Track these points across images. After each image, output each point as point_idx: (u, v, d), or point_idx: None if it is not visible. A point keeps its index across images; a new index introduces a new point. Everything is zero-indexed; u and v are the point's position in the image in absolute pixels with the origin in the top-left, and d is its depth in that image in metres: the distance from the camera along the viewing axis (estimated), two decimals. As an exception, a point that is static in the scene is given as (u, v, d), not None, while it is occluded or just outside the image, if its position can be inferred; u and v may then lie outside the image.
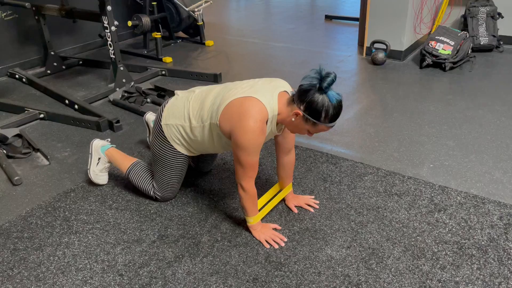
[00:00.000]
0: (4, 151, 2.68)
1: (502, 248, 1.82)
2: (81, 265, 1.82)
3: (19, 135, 2.87)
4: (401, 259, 1.79)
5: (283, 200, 2.17)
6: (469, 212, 2.04)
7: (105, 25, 3.39)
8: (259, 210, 2.00)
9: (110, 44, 3.46)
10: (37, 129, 3.06)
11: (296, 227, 2.00)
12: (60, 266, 1.82)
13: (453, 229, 1.94)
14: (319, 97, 1.65)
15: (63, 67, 4.22)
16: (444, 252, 1.81)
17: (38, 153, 2.72)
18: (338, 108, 1.69)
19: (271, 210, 2.11)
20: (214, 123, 1.81)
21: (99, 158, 2.27)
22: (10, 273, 1.79)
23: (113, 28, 3.40)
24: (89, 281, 1.74)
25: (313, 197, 2.18)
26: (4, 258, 1.87)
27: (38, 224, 2.07)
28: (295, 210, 2.10)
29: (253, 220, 1.93)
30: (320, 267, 1.77)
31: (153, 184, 2.14)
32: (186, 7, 4.70)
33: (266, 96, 1.74)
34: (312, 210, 2.10)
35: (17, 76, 3.98)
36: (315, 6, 6.80)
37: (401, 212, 2.06)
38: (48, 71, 4.12)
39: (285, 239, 1.93)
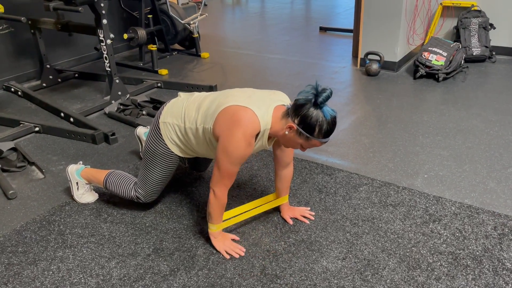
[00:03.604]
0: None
1: (496, 259, 1.83)
2: (75, 280, 1.81)
3: (14, 149, 2.86)
4: (396, 270, 1.79)
5: (279, 212, 2.17)
6: (464, 222, 2.05)
7: (101, 38, 3.41)
8: (229, 218, 2.01)
9: (105, 57, 3.48)
10: (33, 142, 3.05)
11: (291, 238, 2.00)
12: (55, 281, 1.81)
13: (448, 240, 1.94)
14: (314, 112, 1.67)
15: (59, 80, 4.22)
16: (439, 263, 1.82)
17: (33, 167, 2.71)
18: (332, 124, 1.70)
19: (267, 222, 2.11)
20: (207, 128, 1.82)
21: (77, 183, 2.28)
22: (4, 288, 1.78)
23: (108, 41, 3.41)
24: (84, 295, 1.73)
25: (308, 208, 2.19)
26: (-2, 273, 1.86)
27: (33, 238, 2.06)
28: (290, 222, 2.10)
29: (216, 228, 1.93)
30: (316, 279, 1.76)
31: (135, 182, 2.13)
32: (182, 20, 4.73)
33: (261, 109, 1.75)
34: (307, 221, 2.10)
35: (12, 89, 3.98)
36: (310, 18, 6.86)
37: (396, 223, 2.07)
38: (44, 84, 4.12)
39: (244, 250, 1.93)
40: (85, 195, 2.32)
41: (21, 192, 2.46)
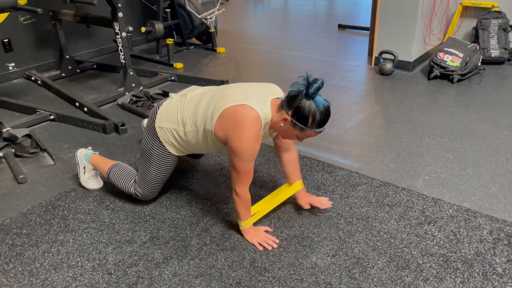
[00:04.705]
0: (13, 150, 2.79)
1: (488, 263, 1.81)
2: (73, 263, 1.89)
3: (28, 135, 2.97)
4: (384, 269, 1.80)
5: (294, 199, 2.18)
6: (459, 225, 2.04)
7: (116, 31, 3.49)
8: (253, 214, 2.04)
9: (120, 49, 3.57)
10: (47, 129, 3.16)
11: (284, 233, 2.03)
12: (53, 262, 1.89)
13: (441, 242, 1.94)
14: (306, 103, 1.69)
15: (78, 70, 4.35)
16: (429, 264, 1.82)
17: (45, 153, 2.81)
18: (325, 114, 1.72)
19: (263, 216, 2.14)
20: (209, 130, 1.86)
21: (84, 167, 2.36)
22: (6, 267, 1.86)
23: (124, 34, 3.50)
24: (79, 278, 1.80)
25: (327, 198, 2.17)
26: (2, 252, 1.95)
27: (37, 222, 2.15)
28: (307, 206, 2.11)
29: (245, 224, 1.97)
30: (303, 274, 1.79)
31: (135, 179, 2.19)
32: (199, 15, 4.79)
33: (259, 104, 1.79)
34: (323, 207, 2.10)
35: (33, 78, 4.12)
36: (330, 15, 6.82)
37: (390, 223, 2.07)
38: (63, 74, 4.25)
39: (277, 241, 1.96)
40: (91, 181, 2.39)
41: (31, 177, 2.56)
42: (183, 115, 1.94)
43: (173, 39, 4.59)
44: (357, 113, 3.27)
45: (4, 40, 4.04)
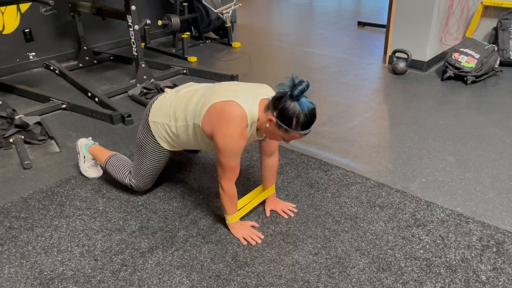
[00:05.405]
0: (22, 137, 2.90)
1: (472, 270, 1.78)
2: (63, 248, 1.96)
3: (39, 123, 3.08)
4: (365, 270, 1.80)
5: (264, 201, 2.22)
6: (449, 230, 2.00)
7: (129, 23, 3.56)
8: (240, 209, 2.06)
9: (133, 41, 3.64)
10: (58, 118, 3.27)
11: (270, 229, 2.05)
12: (45, 246, 1.97)
13: (427, 246, 1.91)
14: (291, 104, 1.70)
15: (95, 61, 4.46)
16: (410, 268, 1.80)
17: (52, 141, 2.91)
18: (309, 116, 1.72)
19: (251, 211, 2.17)
20: (197, 124, 1.89)
21: (84, 157, 2.43)
22: (0, 249, 1.95)
23: (136, 27, 3.56)
24: (67, 262, 1.87)
25: (294, 205, 2.20)
26: (-1, 234, 2.05)
27: (36, 206, 2.24)
28: (268, 214, 2.15)
29: (231, 219, 2.00)
30: (283, 271, 1.80)
31: (130, 171, 2.24)
32: (215, 9, 4.82)
33: (247, 102, 1.80)
34: (286, 216, 2.14)
35: (51, 67, 4.26)
36: (354, 12, 6.73)
37: (378, 224, 2.06)
38: (80, 65, 4.37)
39: (262, 237, 1.99)
40: (91, 170, 2.47)
41: (36, 163, 2.66)
42: (175, 110, 1.98)
43: (188, 33, 4.64)
44: (363, 112, 3.24)
45: (25, 30, 4.18)
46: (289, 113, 1.70)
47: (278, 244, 1.95)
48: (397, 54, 3.98)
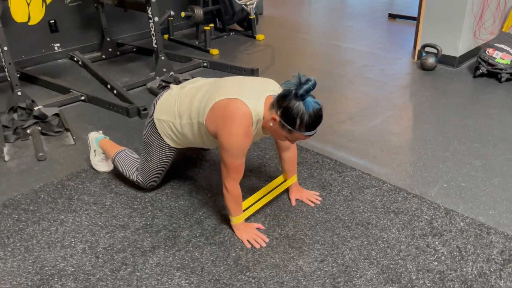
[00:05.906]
0: (39, 128, 2.92)
1: (490, 286, 1.64)
2: (66, 243, 1.94)
3: (57, 114, 3.10)
4: (372, 281, 1.69)
5: (287, 192, 2.20)
6: (468, 241, 1.87)
7: (149, 15, 3.53)
8: (246, 209, 2.00)
9: (153, 34, 3.61)
10: (76, 110, 3.28)
11: (276, 232, 1.97)
12: (49, 241, 1.96)
13: (442, 257, 1.79)
14: (295, 104, 1.61)
15: (118, 53, 4.46)
16: (422, 281, 1.68)
17: (68, 133, 2.92)
18: (314, 117, 1.63)
19: (258, 213, 2.09)
20: (201, 122, 1.83)
21: (94, 150, 2.41)
22: (6, 241, 1.96)
23: (156, 18, 3.53)
24: (68, 258, 1.86)
25: (317, 193, 2.18)
26: (6, 226, 2.05)
27: (45, 199, 2.24)
28: (293, 203, 2.13)
29: (236, 220, 1.93)
30: (285, 277, 1.72)
31: (137, 167, 2.21)
32: (239, 0, 4.73)
33: (252, 99, 1.73)
34: (312, 204, 2.12)
35: (75, 59, 4.29)
36: (386, 3, 6.48)
37: (391, 232, 1.94)
38: (103, 56, 4.38)
39: (267, 240, 1.92)
40: (101, 164, 2.45)
41: (50, 155, 2.67)
42: (180, 107, 1.92)
43: (211, 25, 4.58)
44: (386, 110, 3.09)
45: (51, 21, 4.22)
46: (293, 112, 1.62)
47: (282, 249, 1.87)
48: (427, 49, 3.78)
